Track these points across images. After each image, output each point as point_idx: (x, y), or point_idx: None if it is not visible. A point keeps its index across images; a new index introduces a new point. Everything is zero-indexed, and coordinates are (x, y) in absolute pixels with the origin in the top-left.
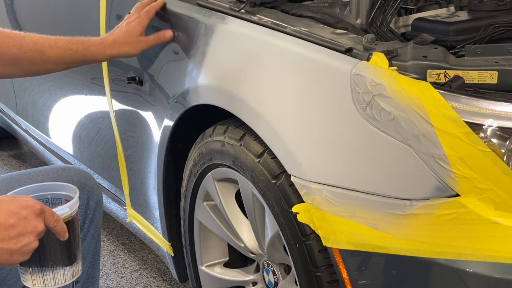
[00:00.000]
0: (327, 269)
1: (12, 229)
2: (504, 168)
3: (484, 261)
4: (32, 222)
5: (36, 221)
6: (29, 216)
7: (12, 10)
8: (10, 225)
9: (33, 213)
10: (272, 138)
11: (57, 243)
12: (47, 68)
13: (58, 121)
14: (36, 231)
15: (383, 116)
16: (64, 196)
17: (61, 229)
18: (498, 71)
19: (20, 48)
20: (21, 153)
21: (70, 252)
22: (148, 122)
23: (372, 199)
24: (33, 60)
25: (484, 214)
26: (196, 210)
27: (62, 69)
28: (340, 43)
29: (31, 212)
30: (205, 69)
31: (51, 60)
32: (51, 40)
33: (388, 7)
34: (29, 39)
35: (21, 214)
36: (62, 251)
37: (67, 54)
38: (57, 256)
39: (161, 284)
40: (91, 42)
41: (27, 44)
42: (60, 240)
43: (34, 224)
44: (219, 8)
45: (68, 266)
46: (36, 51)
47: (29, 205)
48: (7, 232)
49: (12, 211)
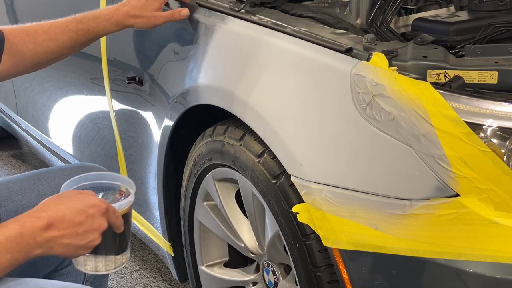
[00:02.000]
0: (327, 269)
1: (80, 226)
2: (504, 168)
3: (484, 261)
4: (98, 221)
5: (102, 220)
6: (96, 215)
7: (12, 10)
8: (79, 222)
9: (100, 212)
10: (272, 138)
11: (112, 234)
12: (64, 53)
13: (58, 121)
14: (101, 229)
15: (383, 116)
16: (118, 187)
17: (119, 223)
18: (498, 71)
19: (35, 41)
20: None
21: (122, 242)
22: (148, 122)
23: (372, 199)
24: (49, 49)
25: (484, 214)
26: (196, 210)
27: (77, 50)
28: (340, 43)
29: (98, 211)
30: (205, 69)
31: (66, 45)
32: (62, 25)
33: (388, 7)
34: (40, 30)
35: (89, 212)
36: (115, 241)
37: (81, 35)
38: (111, 246)
39: (161, 284)
40: (102, 17)
41: (40, 36)
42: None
43: (100, 222)
44: (219, 8)
45: (119, 254)
46: (50, 40)
47: (96, 204)
48: (75, 229)
49: (81, 209)
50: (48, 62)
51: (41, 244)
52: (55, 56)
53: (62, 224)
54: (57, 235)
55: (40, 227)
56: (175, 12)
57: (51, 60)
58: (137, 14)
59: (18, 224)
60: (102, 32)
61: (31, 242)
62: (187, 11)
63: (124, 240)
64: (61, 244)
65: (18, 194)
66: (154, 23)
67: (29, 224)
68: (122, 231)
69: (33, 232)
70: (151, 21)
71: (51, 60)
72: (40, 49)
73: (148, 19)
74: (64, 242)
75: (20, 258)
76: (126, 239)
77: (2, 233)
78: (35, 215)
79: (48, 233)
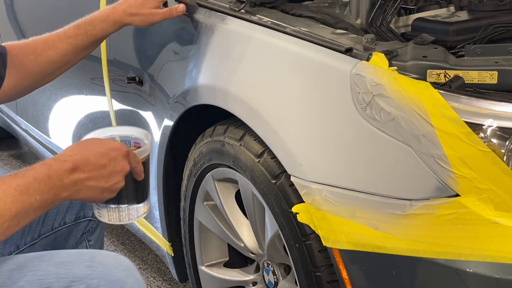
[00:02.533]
0: (327, 269)
1: (104, 168)
2: (504, 168)
3: (484, 261)
4: (121, 163)
5: (124, 162)
6: (118, 157)
7: (12, 10)
8: (102, 165)
9: (121, 155)
10: (272, 138)
11: (133, 182)
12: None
13: (58, 121)
14: (124, 171)
15: (383, 116)
16: (133, 139)
17: (140, 169)
18: (498, 71)
19: (35, 52)
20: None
21: (143, 191)
22: (148, 122)
23: (372, 199)
24: (51, 58)
25: (484, 214)
26: (196, 210)
27: (82, 56)
28: (340, 43)
29: (120, 154)
30: (205, 69)
31: (67, 52)
32: (60, 33)
33: (388, 7)
34: (39, 41)
35: (111, 155)
36: (137, 189)
37: (80, 39)
38: (132, 195)
39: (161, 284)
40: (98, 18)
41: (39, 46)
42: (137, 180)
43: (122, 164)
44: (219, 8)
45: (140, 203)
46: (50, 48)
47: (117, 147)
48: (100, 171)
49: (103, 152)
50: (53, 73)
51: (68, 186)
52: (59, 64)
53: (87, 167)
54: (83, 178)
55: (66, 169)
56: (172, 9)
57: (56, 70)
58: (135, 12)
59: (45, 166)
60: (101, 33)
61: (59, 184)
62: (183, 7)
63: (144, 188)
64: (87, 186)
65: None
66: (152, 21)
67: (55, 166)
68: (142, 180)
69: (60, 174)
70: (149, 19)
71: (56, 70)
72: (41, 59)
73: (146, 16)
74: (90, 185)
75: (48, 199)
76: (146, 188)
77: (31, 174)
78: (61, 159)
79: (74, 175)
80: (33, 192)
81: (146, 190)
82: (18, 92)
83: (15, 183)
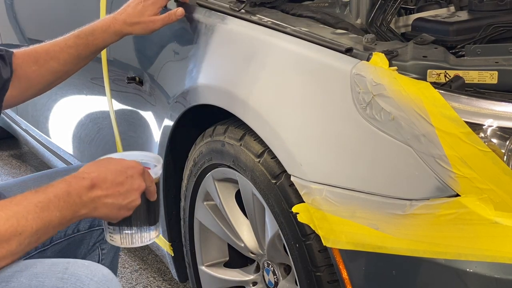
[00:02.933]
0: (327, 269)
1: (121, 186)
2: (504, 168)
3: (484, 261)
4: (137, 181)
5: (140, 180)
6: (135, 175)
7: (12, 10)
8: (120, 182)
9: (138, 173)
10: (272, 138)
11: (146, 203)
12: (69, 69)
13: (58, 121)
14: (141, 189)
15: (383, 116)
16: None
17: (154, 189)
18: (498, 71)
19: (37, 62)
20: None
21: (155, 212)
22: (148, 122)
23: (372, 199)
24: (53, 69)
25: (484, 214)
26: (196, 210)
27: (83, 64)
28: (340, 43)
29: (136, 172)
30: (205, 69)
31: (68, 62)
32: (61, 43)
33: (388, 7)
34: (41, 50)
35: (128, 173)
36: (150, 211)
37: (81, 50)
38: (145, 216)
39: (161, 284)
40: (99, 28)
41: (41, 56)
42: (150, 200)
43: (139, 182)
44: (219, 8)
45: (152, 226)
46: (52, 59)
47: (134, 166)
48: (117, 188)
49: (121, 170)
50: (54, 82)
51: (86, 203)
52: (60, 74)
53: (105, 184)
54: (100, 195)
55: (85, 186)
56: (171, 14)
57: (57, 79)
58: (135, 21)
59: (65, 184)
60: (102, 44)
61: (78, 201)
62: (182, 10)
63: (156, 210)
64: (105, 204)
65: None
66: (152, 28)
67: (75, 183)
68: (154, 201)
69: (79, 191)
70: (149, 27)
71: (57, 79)
72: (43, 70)
73: (146, 24)
74: (107, 202)
75: (68, 216)
76: (158, 210)
77: (51, 191)
78: (79, 176)
79: (93, 192)
80: (53, 209)
81: (157, 212)
82: (19, 101)
83: (36, 199)
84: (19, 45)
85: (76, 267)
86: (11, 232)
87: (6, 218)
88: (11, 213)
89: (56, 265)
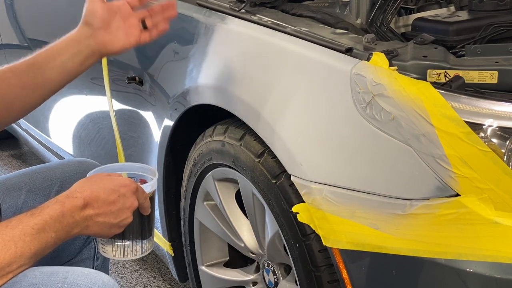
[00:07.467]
0: (327, 269)
1: (113, 205)
2: (504, 168)
3: (484, 261)
4: (130, 200)
5: (133, 199)
6: (127, 194)
7: (12, 10)
8: (112, 201)
9: (130, 191)
10: (272, 138)
11: (139, 217)
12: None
13: (58, 121)
14: (133, 207)
15: (383, 116)
16: (138, 176)
17: (147, 205)
18: (498, 71)
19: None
20: (21, 153)
21: (148, 226)
22: (148, 122)
23: (373, 199)
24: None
25: (484, 214)
26: (196, 210)
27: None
28: (340, 43)
29: (129, 190)
30: (205, 69)
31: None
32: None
33: (388, 7)
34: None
35: (121, 191)
36: (143, 225)
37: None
38: (138, 230)
39: (161, 284)
40: None
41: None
42: (143, 215)
43: (131, 201)
44: (219, 8)
45: (145, 239)
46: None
47: (126, 184)
48: (109, 207)
49: (113, 189)
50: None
51: (79, 222)
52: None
53: (97, 203)
54: (92, 214)
55: (78, 206)
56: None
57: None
58: None
59: (59, 204)
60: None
61: (71, 221)
62: None
63: (149, 224)
64: (97, 222)
65: (16, 189)
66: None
67: (68, 203)
68: (147, 215)
69: (72, 211)
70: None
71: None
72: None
73: None
74: (99, 221)
75: (62, 237)
76: (151, 223)
77: (47, 212)
78: (72, 196)
79: (85, 212)
80: (49, 230)
81: (151, 226)
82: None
83: (32, 222)
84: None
85: (75, 276)
86: (10, 255)
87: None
88: (8, 238)
89: (55, 275)
